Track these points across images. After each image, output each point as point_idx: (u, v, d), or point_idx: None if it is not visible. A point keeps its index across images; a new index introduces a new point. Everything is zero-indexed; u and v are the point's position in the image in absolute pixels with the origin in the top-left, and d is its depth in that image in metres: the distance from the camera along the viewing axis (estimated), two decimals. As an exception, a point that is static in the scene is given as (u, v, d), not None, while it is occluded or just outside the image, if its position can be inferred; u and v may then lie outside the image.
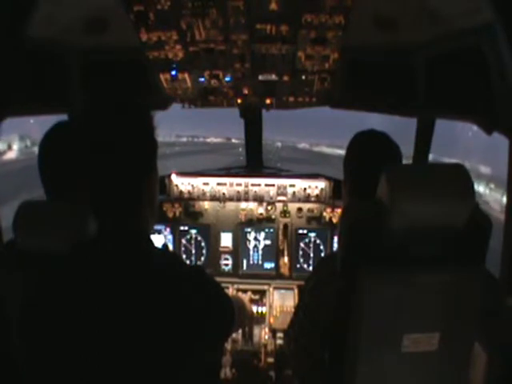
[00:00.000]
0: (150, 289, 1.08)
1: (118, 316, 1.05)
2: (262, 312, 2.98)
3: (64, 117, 2.54)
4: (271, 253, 3.17)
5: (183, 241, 3.21)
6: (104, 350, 1.04)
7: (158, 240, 3.17)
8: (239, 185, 3.20)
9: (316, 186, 3.17)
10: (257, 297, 3.03)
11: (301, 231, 3.16)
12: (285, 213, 3.17)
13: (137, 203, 1.17)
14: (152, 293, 1.08)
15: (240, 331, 2.83)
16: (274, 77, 2.68)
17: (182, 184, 3.23)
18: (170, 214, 3.17)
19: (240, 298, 2.39)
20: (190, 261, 3.20)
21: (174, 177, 3.24)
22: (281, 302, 3.03)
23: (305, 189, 3.17)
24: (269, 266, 3.17)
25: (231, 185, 3.21)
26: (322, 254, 3.14)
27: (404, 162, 1.78)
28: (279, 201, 3.19)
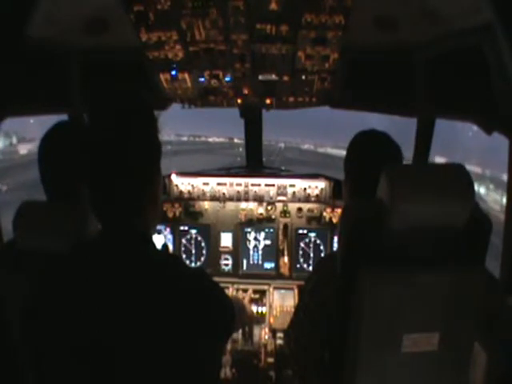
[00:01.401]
0: (151, 289, 1.08)
1: (119, 317, 1.05)
2: (262, 312, 2.98)
3: (64, 117, 2.55)
4: (271, 253, 3.17)
5: (183, 241, 3.21)
6: (106, 350, 1.04)
7: (158, 240, 3.17)
8: (239, 185, 3.20)
9: (316, 186, 3.17)
10: (257, 296, 3.03)
11: (301, 231, 3.16)
12: (285, 213, 3.17)
13: (140, 204, 1.17)
14: (153, 294, 1.08)
15: (240, 331, 2.83)
16: (274, 77, 2.68)
17: (182, 184, 3.23)
18: (170, 214, 3.17)
19: (240, 298, 2.40)
20: (190, 261, 3.20)
21: (173, 177, 3.24)
22: (281, 302, 3.03)
23: (305, 189, 3.17)
24: (269, 265, 3.17)
25: (231, 185, 3.21)
26: (322, 254, 3.14)
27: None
28: (279, 201, 3.19)
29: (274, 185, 3.19)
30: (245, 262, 3.19)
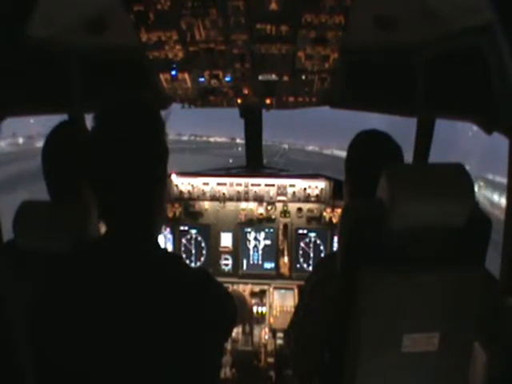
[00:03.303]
0: (153, 289, 1.09)
1: (122, 316, 1.06)
2: (262, 312, 2.98)
3: (64, 117, 2.55)
4: (271, 253, 3.17)
5: (183, 241, 3.21)
6: (109, 350, 1.05)
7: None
8: (239, 185, 3.20)
9: (316, 186, 3.16)
10: (257, 296, 3.03)
11: (301, 231, 3.16)
12: (285, 213, 3.17)
13: (147, 205, 1.17)
14: (154, 293, 1.08)
15: (240, 330, 2.83)
16: (273, 77, 2.68)
17: (182, 184, 3.23)
18: (170, 214, 3.17)
19: (241, 293, 2.41)
20: (190, 261, 3.20)
21: (173, 177, 3.24)
22: (281, 302, 3.03)
23: (305, 189, 3.17)
24: (269, 265, 3.17)
25: (231, 185, 3.21)
26: (322, 254, 3.14)
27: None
28: (279, 201, 3.18)
29: (274, 185, 3.19)
30: (245, 262, 3.19)
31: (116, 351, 1.05)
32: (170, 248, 3.21)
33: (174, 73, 2.62)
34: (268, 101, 3.01)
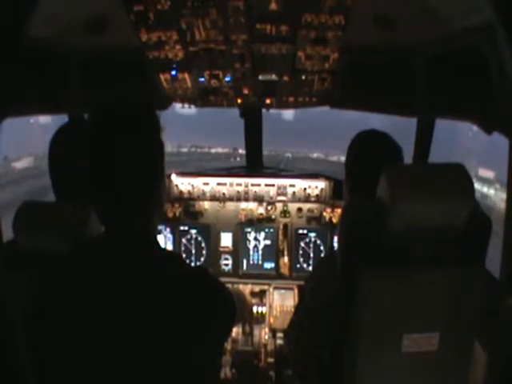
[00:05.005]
0: (153, 289, 1.09)
1: (122, 316, 1.06)
2: (262, 312, 2.98)
3: (64, 117, 2.55)
4: (271, 253, 3.17)
5: (183, 241, 3.21)
6: (109, 350, 1.05)
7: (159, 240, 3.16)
8: (239, 185, 3.20)
9: (316, 186, 3.17)
10: (257, 296, 3.03)
11: (301, 231, 3.16)
12: (285, 213, 3.17)
13: (145, 204, 1.18)
14: (155, 293, 1.08)
15: (240, 330, 2.83)
16: (273, 77, 2.68)
17: (182, 184, 3.23)
18: (170, 214, 3.17)
19: (241, 291, 2.41)
20: (190, 261, 3.20)
21: (173, 177, 3.24)
22: (281, 302, 3.03)
23: (305, 189, 3.17)
24: (269, 265, 3.17)
25: (231, 185, 3.21)
26: (322, 254, 3.14)
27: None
28: (279, 201, 3.19)
29: (274, 185, 3.19)
30: (245, 262, 3.19)
31: (115, 350, 1.05)
32: (169, 248, 3.21)
33: (174, 73, 2.63)
34: (268, 101, 3.01)
